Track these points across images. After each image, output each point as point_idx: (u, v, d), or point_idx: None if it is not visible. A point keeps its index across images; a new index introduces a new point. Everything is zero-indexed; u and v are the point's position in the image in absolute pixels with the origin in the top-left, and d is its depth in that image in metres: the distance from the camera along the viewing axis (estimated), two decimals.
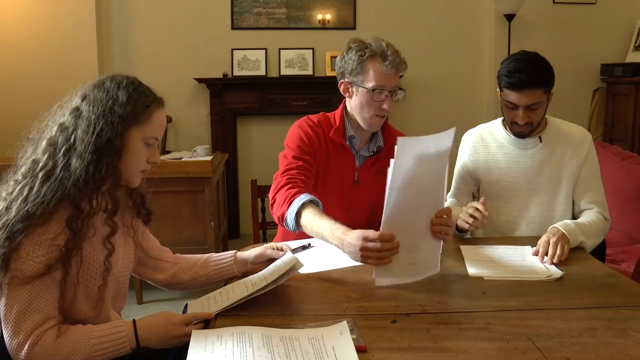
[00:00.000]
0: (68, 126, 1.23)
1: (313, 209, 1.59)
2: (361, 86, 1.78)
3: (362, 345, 1.10)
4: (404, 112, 4.44)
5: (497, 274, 1.49)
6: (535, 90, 1.75)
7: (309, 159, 1.80)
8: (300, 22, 4.29)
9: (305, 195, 1.62)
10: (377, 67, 1.74)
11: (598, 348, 1.10)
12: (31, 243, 1.16)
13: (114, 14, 4.21)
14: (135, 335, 1.22)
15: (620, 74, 4.15)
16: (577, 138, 1.89)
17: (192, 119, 4.33)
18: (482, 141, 1.98)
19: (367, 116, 1.80)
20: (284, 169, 1.76)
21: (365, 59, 1.75)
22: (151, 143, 1.30)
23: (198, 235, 3.08)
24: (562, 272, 1.48)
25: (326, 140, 1.86)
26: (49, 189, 1.18)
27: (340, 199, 1.86)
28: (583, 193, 1.89)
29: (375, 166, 1.89)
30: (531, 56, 1.80)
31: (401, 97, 1.83)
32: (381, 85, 1.75)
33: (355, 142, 1.88)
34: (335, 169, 1.86)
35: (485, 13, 4.39)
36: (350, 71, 1.79)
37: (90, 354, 1.18)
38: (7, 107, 3.94)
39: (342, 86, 1.84)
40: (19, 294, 1.16)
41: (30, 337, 1.15)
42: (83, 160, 1.19)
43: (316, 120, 1.89)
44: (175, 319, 1.24)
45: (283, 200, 1.65)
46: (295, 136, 1.85)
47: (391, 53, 1.74)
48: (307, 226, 1.58)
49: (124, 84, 1.26)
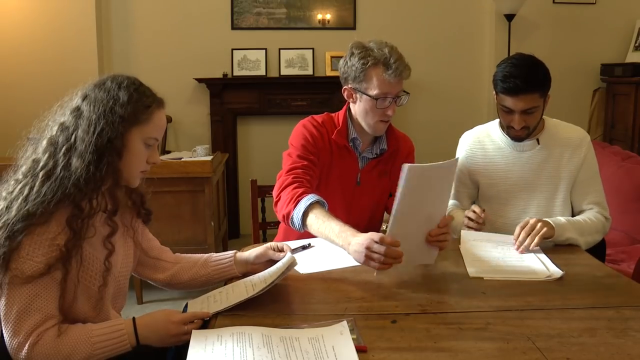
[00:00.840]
0: (69, 126, 1.23)
1: (320, 210, 1.60)
2: (365, 93, 1.76)
3: (362, 345, 1.10)
4: (404, 112, 4.44)
5: (497, 274, 1.50)
6: (531, 95, 1.73)
7: (313, 158, 1.80)
8: (300, 22, 4.29)
9: (312, 195, 1.63)
10: (381, 76, 1.72)
11: (598, 348, 1.10)
12: (31, 243, 1.16)
13: (114, 14, 4.21)
14: (135, 333, 1.22)
15: (620, 74, 4.15)
16: (575, 139, 1.88)
17: (192, 119, 4.33)
18: (479, 143, 1.98)
19: (371, 122, 1.80)
20: (289, 167, 1.76)
21: (368, 66, 1.73)
22: (151, 144, 1.30)
23: (198, 235, 3.08)
24: (562, 272, 1.48)
25: (329, 141, 1.85)
26: (49, 189, 1.18)
27: (342, 200, 1.86)
28: (583, 194, 1.88)
29: (378, 168, 1.90)
30: (527, 60, 1.77)
31: (405, 101, 1.81)
32: (385, 93, 1.74)
33: (359, 144, 1.87)
34: (338, 170, 1.86)
35: (485, 13, 4.39)
36: (353, 78, 1.77)
37: (90, 352, 1.18)
38: (7, 107, 3.94)
39: (346, 92, 1.83)
40: (19, 294, 1.16)
41: (30, 336, 1.15)
42: (84, 160, 1.19)
43: (320, 121, 1.88)
44: (174, 318, 1.24)
45: (289, 199, 1.65)
46: (300, 136, 1.84)
47: (395, 60, 1.71)
48: (313, 226, 1.58)
49: (124, 84, 1.26)
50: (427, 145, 4.50)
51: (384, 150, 1.89)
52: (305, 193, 1.64)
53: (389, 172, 1.91)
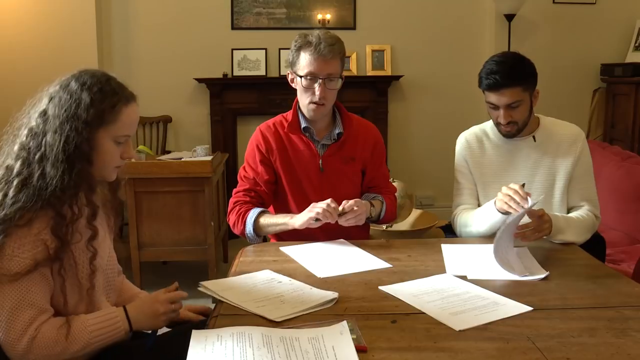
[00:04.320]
0: (37, 132, 1.22)
1: (265, 214, 1.84)
2: (297, 75, 1.86)
3: (362, 345, 1.10)
4: (404, 112, 4.44)
5: (479, 274, 1.49)
6: (513, 89, 1.78)
7: (261, 169, 1.92)
8: (300, 22, 4.29)
9: (254, 209, 1.85)
10: (307, 55, 1.82)
11: (598, 348, 1.10)
12: (15, 240, 1.16)
13: (114, 14, 4.21)
14: (127, 319, 1.26)
15: (620, 74, 4.15)
16: (571, 136, 1.90)
17: (192, 119, 4.33)
18: (477, 142, 1.99)
19: (305, 103, 1.88)
20: (234, 191, 1.96)
21: (297, 49, 1.85)
22: (122, 141, 1.28)
23: (198, 235, 3.08)
24: (546, 274, 1.47)
25: (282, 137, 1.93)
26: (27, 196, 1.17)
27: (311, 188, 1.92)
28: (575, 190, 1.90)
29: (340, 153, 1.94)
30: (508, 57, 1.84)
31: (338, 85, 1.87)
32: (311, 73, 1.82)
33: (313, 132, 1.93)
34: (298, 161, 1.92)
35: (485, 13, 4.39)
36: (291, 62, 1.89)
37: (87, 341, 1.20)
38: (7, 107, 3.93)
39: (289, 77, 1.94)
40: (9, 291, 1.16)
41: (27, 330, 1.16)
42: (57, 170, 1.19)
43: (271, 123, 1.98)
44: (160, 297, 1.31)
45: (235, 220, 1.88)
46: (248, 152, 1.98)
47: (320, 41, 1.80)
48: (265, 228, 1.82)
49: (87, 85, 1.23)
50: (427, 145, 4.51)
51: (340, 134, 1.94)
52: (247, 211, 1.86)
53: (356, 158, 1.95)
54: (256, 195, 1.91)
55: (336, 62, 1.84)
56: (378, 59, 4.36)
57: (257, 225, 1.83)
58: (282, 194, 1.95)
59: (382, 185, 2.02)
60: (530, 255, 1.62)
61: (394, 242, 1.85)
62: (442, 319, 1.22)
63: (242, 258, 1.69)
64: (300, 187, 1.92)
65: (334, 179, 1.93)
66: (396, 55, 4.40)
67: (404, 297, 1.35)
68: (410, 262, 1.62)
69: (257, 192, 1.91)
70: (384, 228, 2.76)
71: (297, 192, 1.92)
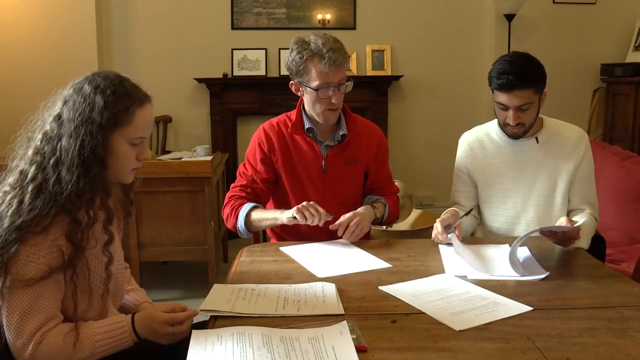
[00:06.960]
0: (52, 136, 1.21)
1: (257, 209, 1.85)
2: (307, 86, 1.84)
3: (362, 345, 1.10)
4: (404, 111, 4.44)
5: (478, 274, 1.50)
6: (525, 91, 1.74)
7: (260, 167, 1.91)
8: (300, 22, 4.29)
9: (247, 204, 1.85)
10: (318, 67, 1.79)
11: (598, 348, 1.10)
12: (31, 246, 1.15)
13: (114, 14, 4.21)
14: (134, 329, 1.24)
15: (620, 74, 4.15)
16: (574, 138, 1.89)
17: (192, 119, 4.33)
18: (479, 143, 1.98)
19: (319, 111, 1.86)
20: (231, 186, 1.96)
21: (305, 60, 1.81)
22: (137, 143, 1.27)
23: (198, 235, 3.08)
24: (546, 274, 1.48)
25: (285, 137, 1.93)
26: (43, 202, 1.16)
27: (312, 188, 1.92)
28: (577, 193, 1.89)
29: (342, 155, 1.93)
30: (520, 57, 1.79)
31: (350, 88, 1.87)
32: (325, 83, 1.80)
33: (317, 133, 1.93)
34: (300, 161, 1.92)
35: (485, 13, 4.39)
36: (295, 72, 1.86)
37: (93, 350, 1.19)
38: (7, 107, 3.93)
39: (293, 87, 1.91)
40: (21, 296, 1.16)
41: (34, 336, 1.16)
42: (73, 174, 1.18)
43: (275, 122, 1.97)
44: (158, 319, 1.23)
45: (229, 213, 1.88)
46: (249, 149, 1.97)
47: (328, 50, 1.77)
48: (256, 222, 1.83)
49: (100, 88, 1.21)
50: (427, 145, 4.52)
51: (344, 136, 1.93)
52: (241, 205, 1.86)
53: (359, 160, 1.95)
54: (252, 192, 1.92)
55: (345, 65, 1.84)
56: (378, 59, 4.36)
57: (249, 220, 1.84)
58: (283, 193, 1.95)
59: (385, 187, 2.02)
60: (530, 255, 1.62)
61: (394, 242, 1.85)
62: (442, 319, 1.23)
63: (242, 258, 1.69)
64: (301, 187, 1.92)
65: (336, 180, 1.92)
66: (396, 55, 4.40)
67: (404, 297, 1.35)
68: (410, 262, 1.62)
69: (253, 189, 1.92)
70: (384, 228, 2.77)
71: (298, 192, 1.91)
